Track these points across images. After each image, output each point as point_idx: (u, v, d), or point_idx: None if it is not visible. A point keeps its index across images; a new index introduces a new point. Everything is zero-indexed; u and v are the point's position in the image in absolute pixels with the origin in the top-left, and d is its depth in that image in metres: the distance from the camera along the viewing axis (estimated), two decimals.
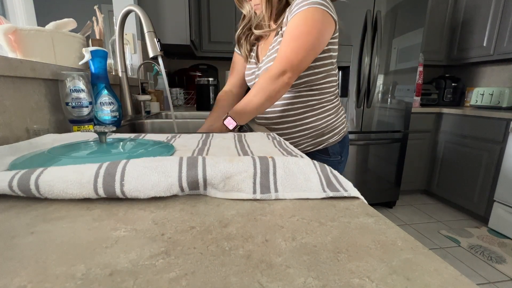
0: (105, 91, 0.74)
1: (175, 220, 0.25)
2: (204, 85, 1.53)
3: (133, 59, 1.55)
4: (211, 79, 1.54)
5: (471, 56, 2.37)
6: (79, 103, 0.61)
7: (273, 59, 0.77)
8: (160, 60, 0.86)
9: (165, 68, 2.06)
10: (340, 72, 2.03)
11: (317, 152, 0.86)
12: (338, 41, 0.81)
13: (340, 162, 0.89)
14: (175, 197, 0.30)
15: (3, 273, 0.17)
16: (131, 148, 0.41)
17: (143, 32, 0.86)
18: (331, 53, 0.79)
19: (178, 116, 1.38)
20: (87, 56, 0.72)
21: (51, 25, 0.75)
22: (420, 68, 2.41)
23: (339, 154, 0.88)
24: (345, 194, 0.30)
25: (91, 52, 0.71)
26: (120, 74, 1.04)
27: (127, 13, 0.97)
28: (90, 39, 1.01)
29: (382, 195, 2.27)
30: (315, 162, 0.34)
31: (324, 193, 0.30)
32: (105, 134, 0.43)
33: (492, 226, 1.93)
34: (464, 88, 2.67)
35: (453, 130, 2.23)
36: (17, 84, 0.54)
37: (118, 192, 0.28)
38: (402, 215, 2.17)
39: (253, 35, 0.88)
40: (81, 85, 0.61)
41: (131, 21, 1.51)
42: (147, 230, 0.23)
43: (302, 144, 0.85)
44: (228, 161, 0.31)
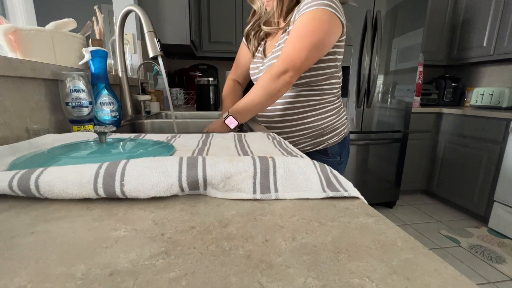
0: (105, 91, 0.74)
1: (175, 220, 0.25)
2: (204, 85, 1.53)
3: (133, 59, 1.55)
4: (211, 79, 1.54)
5: (471, 56, 2.37)
6: (79, 103, 0.61)
7: (277, 57, 0.77)
8: (160, 60, 0.86)
9: (165, 68, 2.06)
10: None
11: (316, 153, 0.86)
12: (344, 44, 0.81)
13: (340, 163, 0.89)
14: (175, 197, 0.30)
15: (3, 273, 0.17)
16: (131, 148, 0.41)
17: (143, 32, 0.86)
18: (336, 56, 0.79)
19: (178, 116, 1.38)
20: (87, 56, 0.72)
21: (51, 25, 0.75)
22: (420, 68, 2.41)
23: (339, 155, 0.88)
24: (345, 194, 0.30)
25: (91, 52, 0.71)
26: (120, 74, 1.04)
27: (127, 13, 0.97)
28: (90, 39, 1.01)
29: (382, 195, 2.27)
30: (315, 162, 0.34)
31: (324, 193, 0.30)
32: (105, 134, 0.43)
33: (492, 226, 1.93)
34: (464, 88, 2.67)
35: (453, 130, 2.23)
36: (17, 84, 0.54)
37: (118, 192, 0.28)
38: (402, 215, 2.17)
39: (262, 32, 0.88)
40: (81, 85, 0.61)
41: (131, 21, 1.51)
42: (147, 230, 0.23)
43: (302, 144, 0.85)
44: (228, 161, 0.31)
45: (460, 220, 2.10)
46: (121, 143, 0.44)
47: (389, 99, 2.09)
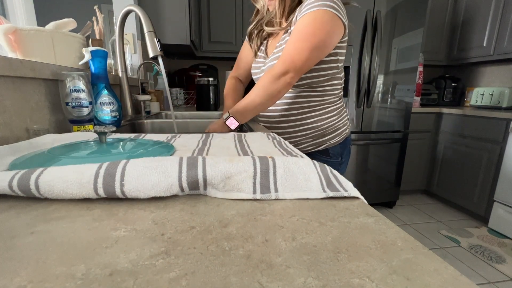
0: (105, 91, 0.74)
1: (175, 220, 0.25)
2: (204, 85, 1.53)
3: (133, 59, 1.55)
4: (211, 79, 1.54)
5: (471, 56, 2.37)
6: (79, 103, 0.61)
7: (278, 58, 0.77)
8: (160, 60, 0.86)
9: (165, 68, 2.06)
10: None
11: (318, 153, 0.86)
12: (346, 45, 0.81)
13: (341, 164, 0.89)
14: (175, 197, 0.30)
15: (3, 273, 0.17)
16: (131, 148, 0.41)
17: (143, 32, 0.86)
18: (338, 57, 0.79)
19: (178, 116, 1.38)
20: (87, 56, 0.72)
21: (51, 25, 0.75)
22: (420, 68, 2.41)
23: (340, 156, 0.88)
24: (345, 194, 0.30)
25: (91, 52, 0.71)
26: (120, 74, 1.04)
27: (127, 13, 0.97)
28: (90, 39, 1.01)
29: (382, 195, 2.27)
30: (315, 162, 0.34)
31: (324, 193, 0.30)
32: (105, 134, 0.43)
33: (492, 226, 1.93)
34: (464, 88, 2.67)
35: (453, 130, 2.23)
36: (17, 84, 0.54)
37: (118, 192, 0.28)
38: (402, 215, 2.17)
39: (265, 31, 0.88)
40: (81, 85, 0.61)
41: (131, 21, 1.51)
42: (147, 230, 0.23)
43: (303, 144, 0.85)
44: (228, 161, 0.31)
45: (460, 220, 2.10)
46: (121, 143, 0.44)
47: (389, 99, 2.09)
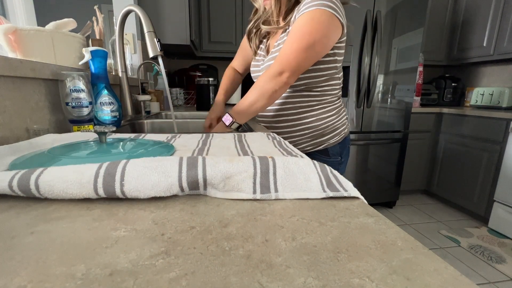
0: (105, 91, 0.74)
1: (175, 220, 0.25)
2: (204, 85, 1.53)
3: (133, 59, 1.55)
4: (211, 79, 1.54)
5: (471, 56, 2.37)
6: (79, 103, 0.61)
7: (276, 57, 0.77)
8: (160, 60, 0.86)
9: (165, 68, 2.06)
10: None
11: (317, 153, 0.86)
12: (345, 45, 0.81)
13: (340, 163, 0.89)
14: (175, 197, 0.30)
15: (3, 273, 0.17)
16: (131, 148, 0.41)
17: (143, 32, 0.86)
18: (336, 57, 0.79)
19: (178, 116, 1.38)
20: (87, 56, 0.72)
21: (51, 25, 0.75)
22: (420, 68, 2.41)
23: (339, 155, 0.88)
24: (345, 194, 0.30)
25: (91, 52, 0.71)
26: (120, 74, 1.04)
27: (127, 13, 0.97)
28: (90, 39, 1.01)
29: (382, 195, 2.27)
30: (315, 162, 0.34)
31: (324, 193, 0.30)
32: (105, 134, 0.43)
33: (492, 226, 1.93)
34: (464, 88, 2.67)
35: (453, 130, 2.23)
36: (17, 84, 0.54)
37: (118, 192, 0.28)
38: (402, 215, 2.17)
39: (263, 30, 0.88)
40: (81, 85, 0.61)
41: (131, 21, 1.51)
42: (147, 230, 0.23)
43: (302, 144, 0.85)
44: (228, 161, 0.31)
45: (460, 220, 2.10)
46: (121, 143, 0.44)
47: (389, 99, 2.09)
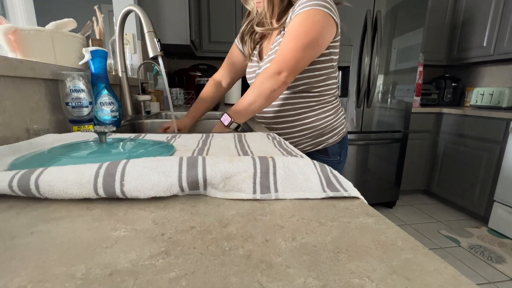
0: (105, 91, 0.74)
1: (175, 220, 0.25)
2: (204, 85, 1.53)
3: (133, 59, 1.55)
4: None
5: (471, 56, 2.37)
6: (79, 103, 0.61)
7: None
8: (160, 60, 0.86)
9: (165, 68, 2.06)
10: (340, 72, 2.03)
11: (316, 152, 0.86)
12: (339, 44, 0.81)
13: (339, 162, 0.89)
14: (175, 197, 0.30)
15: (3, 273, 0.17)
16: (131, 148, 0.41)
17: (143, 32, 0.86)
18: (332, 56, 0.79)
19: (178, 116, 1.38)
20: (87, 56, 0.72)
21: (51, 25, 0.75)
22: (420, 68, 2.41)
23: (338, 155, 0.88)
24: (345, 194, 0.30)
25: (91, 52, 0.71)
26: (120, 74, 1.04)
27: (127, 13, 0.97)
28: (90, 39, 1.01)
29: (382, 195, 2.27)
30: (315, 162, 0.34)
31: (324, 193, 0.30)
32: (105, 134, 0.43)
33: (492, 226, 1.93)
34: (464, 88, 2.67)
35: (453, 130, 2.23)
36: (17, 84, 0.54)
37: (118, 192, 0.28)
38: (402, 215, 2.17)
39: (257, 34, 0.88)
40: (81, 85, 0.61)
41: (131, 21, 1.51)
42: (147, 230, 0.23)
43: (302, 144, 0.86)
44: (228, 161, 0.31)
45: (460, 220, 2.10)
46: (121, 143, 0.44)
47: (389, 99, 2.09)
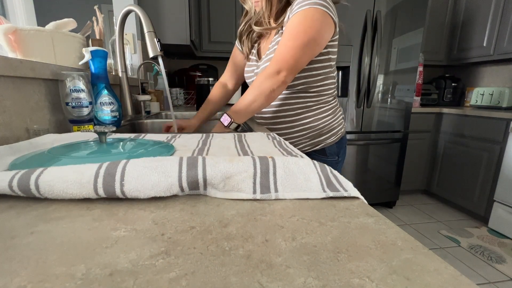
0: (105, 91, 0.74)
1: (175, 220, 0.25)
2: (204, 85, 1.53)
3: (133, 59, 1.55)
4: (211, 79, 1.54)
5: (471, 56, 2.37)
6: (79, 103, 0.61)
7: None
8: (160, 60, 0.86)
9: (165, 68, 2.06)
10: (340, 72, 2.03)
11: (315, 153, 0.86)
12: (338, 42, 0.81)
13: (338, 163, 0.89)
14: (175, 197, 0.30)
15: (3, 273, 0.17)
16: (131, 148, 0.41)
17: (143, 32, 0.86)
18: (330, 56, 0.79)
19: (178, 116, 1.38)
20: (87, 56, 0.72)
21: (51, 25, 0.75)
22: (420, 68, 2.41)
23: (336, 155, 0.88)
24: (345, 194, 0.30)
25: (91, 52, 0.71)
26: (120, 74, 1.04)
27: (127, 13, 0.97)
28: (90, 39, 1.01)
29: (382, 195, 2.27)
30: (315, 162, 0.34)
31: (324, 193, 0.30)
32: (105, 134, 0.43)
33: (492, 226, 1.93)
34: (464, 88, 2.67)
35: (453, 130, 2.23)
36: (17, 84, 0.54)
37: (118, 192, 0.28)
38: (402, 215, 2.17)
39: (255, 33, 0.88)
40: (81, 85, 0.61)
41: (131, 21, 1.51)
42: (147, 230, 0.23)
43: (300, 144, 0.86)
44: (228, 161, 0.31)
45: (460, 220, 2.10)
46: (121, 143, 0.44)
47: (389, 99, 2.09)
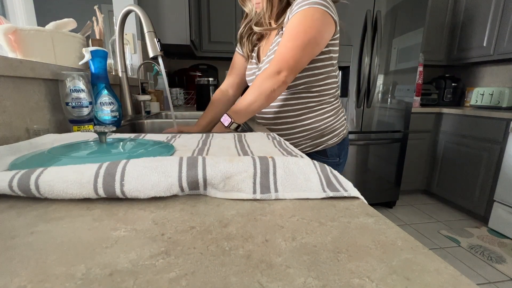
0: (105, 91, 0.74)
1: (175, 220, 0.25)
2: (204, 85, 1.53)
3: (133, 59, 1.55)
4: (211, 79, 1.54)
5: (471, 56, 2.37)
6: (79, 103, 0.61)
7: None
8: (160, 60, 0.86)
9: (165, 68, 2.06)
10: (340, 72, 2.03)
11: (315, 153, 0.86)
12: (339, 42, 0.81)
13: (339, 164, 0.89)
14: (175, 197, 0.30)
15: (3, 273, 0.17)
16: (131, 148, 0.41)
17: (143, 32, 0.86)
18: (331, 55, 0.79)
19: (178, 116, 1.38)
20: (87, 56, 0.72)
21: (51, 25, 0.75)
22: (420, 68, 2.41)
23: (338, 156, 0.87)
24: (345, 194, 0.30)
25: (91, 52, 0.71)
26: (120, 74, 1.04)
27: (127, 13, 0.97)
28: (90, 39, 1.01)
29: (382, 195, 2.27)
30: (315, 162, 0.34)
31: (324, 193, 0.30)
32: (105, 134, 0.43)
33: (492, 226, 1.93)
34: (464, 88, 2.67)
35: (453, 130, 2.23)
36: (17, 84, 0.54)
37: (118, 192, 0.28)
38: (402, 215, 2.17)
39: (255, 35, 0.88)
40: (81, 85, 0.61)
41: (131, 21, 1.51)
42: (147, 230, 0.23)
43: (301, 145, 0.85)
44: (228, 161, 0.31)
45: (460, 220, 2.10)
46: (121, 143, 0.44)
47: (389, 99, 2.09)
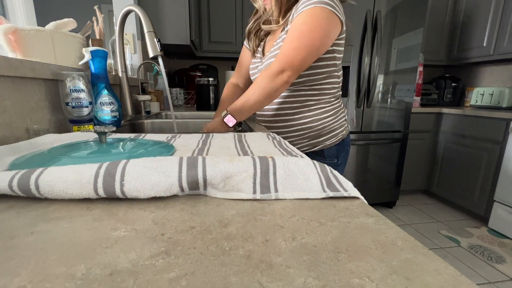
0: (105, 91, 0.74)
1: (175, 220, 0.25)
2: (204, 85, 1.53)
3: (133, 59, 1.55)
4: (211, 79, 1.54)
5: (471, 56, 2.37)
6: (79, 103, 0.61)
7: (275, 56, 0.77)
8: (160, 60, 0.86)
9: (165, 68, 2.06)
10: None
11: (312, 154, 0.85)
12: (344, 42, 0.80)
13: (337, 166, 0.87)
14: (175, 197, 0.30)
15: (3, 273, 0.17)
16: (131, 148, 0.41)
17: (143, 32, 0.86)
18: (335, 54, 0.78)
19: (178, 116, 1.38)
20: (87, 56, 0.72)
21: (51, 25, 0.75)
22: (420, 68, 2.41)
23: (335, 158, 0.86)
24: (345, 194, 0.30)
25: (91, 52, 0.71)
26: (120, 74, 1.04)
27: (127, 13, 0.97)
28: (90, 39, 1.01)
29: (382, 195, 2.27)
30: (315, 162, 0.34)
31: (324, 193, 0.30)
32: (105, 134, 0.43)
33: (492, 226, 1.93)
34: (464, 88, 2.67)
35: (453, 130, 2.23)
36: (17, 84, 0.54)
37: (118, 192, 0.28)
38: (402, 215, 2.17)
39: (263, 31, 0.88)
40: (81, 85, 0.61)
41: (131, 21, 1.51)
42: (147, 230, 0.23)
43: (298, 144, 0.85)
44: (228, 161, 0.31)
45: (460, 220, 2.10)
46: (121, 143, 0.44)
47: (389, 99, 2.09)
